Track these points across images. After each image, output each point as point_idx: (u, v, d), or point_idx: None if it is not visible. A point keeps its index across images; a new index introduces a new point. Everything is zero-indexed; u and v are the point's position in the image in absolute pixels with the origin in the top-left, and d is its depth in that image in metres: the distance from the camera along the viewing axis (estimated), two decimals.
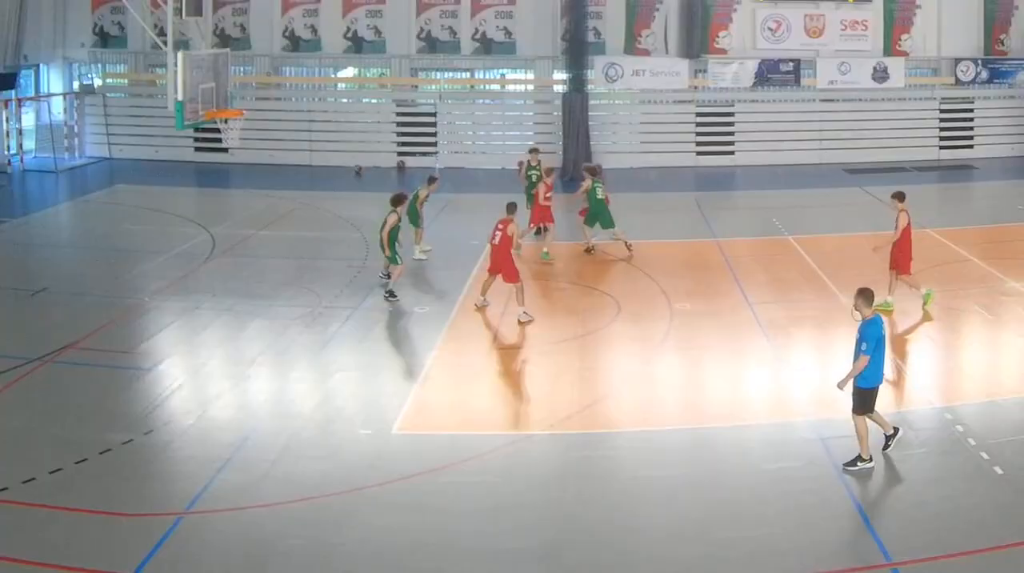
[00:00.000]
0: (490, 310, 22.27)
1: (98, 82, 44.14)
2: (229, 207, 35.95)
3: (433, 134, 43.14)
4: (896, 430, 14.94)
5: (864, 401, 14.45)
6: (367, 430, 16.32)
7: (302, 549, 12.63)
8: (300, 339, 20.64)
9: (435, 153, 42.85)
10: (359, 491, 14.21)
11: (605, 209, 27.09)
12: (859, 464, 14.46)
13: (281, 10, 42.92)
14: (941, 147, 43.51)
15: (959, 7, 42.81)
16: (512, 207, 22.71)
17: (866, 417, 14.56)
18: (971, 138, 43.72)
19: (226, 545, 12.78)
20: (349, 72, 44.55)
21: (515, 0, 42.57)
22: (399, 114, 43.79)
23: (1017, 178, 38.57)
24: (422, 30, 42.91)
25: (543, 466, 15.36)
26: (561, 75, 42.15)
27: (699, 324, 21.68)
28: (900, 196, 22.06)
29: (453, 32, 42.85)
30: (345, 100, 44.94)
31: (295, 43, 43.11)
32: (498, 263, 22.04)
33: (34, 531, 12.82)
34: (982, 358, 19.76)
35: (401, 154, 42.79)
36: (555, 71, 42.75)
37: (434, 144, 43.08)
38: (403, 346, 21.10)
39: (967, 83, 43.14)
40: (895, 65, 42.54)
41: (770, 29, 42.35)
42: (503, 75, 44.38)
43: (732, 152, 43.04)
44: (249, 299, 23.10)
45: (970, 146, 43.56)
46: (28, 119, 41.97)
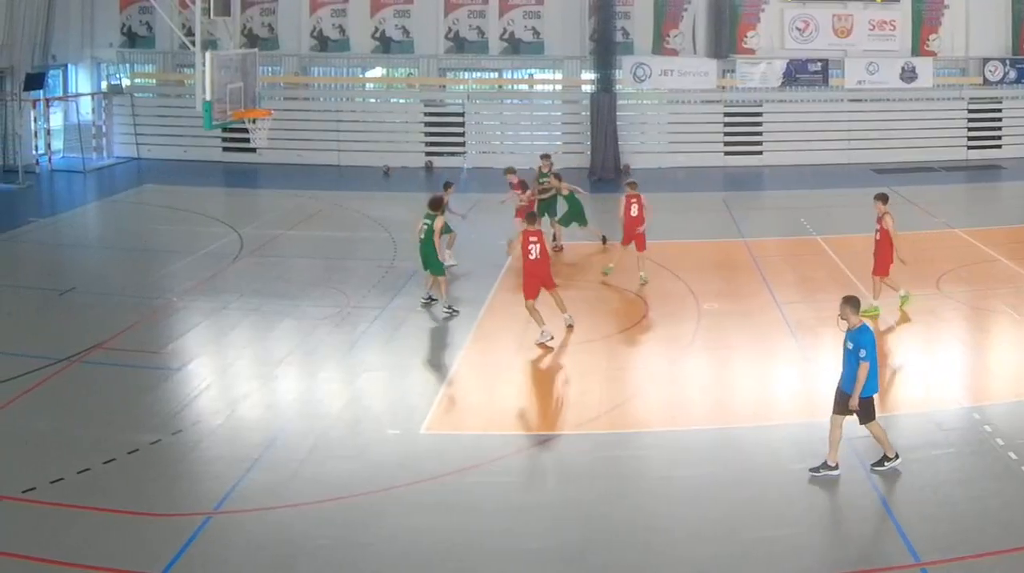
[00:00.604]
0: (518, 315, 21.22)
1: (126, 82, 44.32)
2: (257, 207, 36.12)
3: (461, 134, 43.21)
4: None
5: (867, 410, 14.29)
6: (395, 430, 16.37)
7: (330, 549, 12.66)
8: (328, 339, 20.69)
9: (463, 153, 42.96)
10: (387, 491, 14.22)
11: (582, 208, 27.41)
12: (886, 464, 14.37)
13: (309, 10, 42.98)
14: (969, 147, 43.19)
15: (987, 7, 42.49)
16: (532, 218, 21.47)
17: (875, 422, 14.45)
18: (999, 138, 43.38)
19: (254, 545, 12.82)
20: (377, 72, 44.59)
21: (543, 0, 42.57)
22: (427, 114, 43.81)
23: None
24: (450, 30, 42.93)
25: (570, 466, 15.38)
26: (589, 75, 42.05)
27: (727, 324, 21.63)
28: (883, 198, 21.91)
29: (481, 32, 42.85)
30: (373, 100, 44.94)
31: (323, 43, 43.20)
32: (542, 276, 20.71)
33: (62, 531, 12.87)
34: (1010, 358, 19.59)
35: (429, 154, 42.81)
36: (583, 71, 42.68)
37: (462, 144, 43.17)
38: (431, 346, 21.12)
39: (995, 83, 42.79)
40: (923, 65, 42.25)
41: (798, 29, 42.19)
42: (531, 75, 44.35)
43: (760, 152, 42.88)
44: (277, 299, 23.18)
45: (998, 146, 43.20)
46: (56, 119, 42.09)
